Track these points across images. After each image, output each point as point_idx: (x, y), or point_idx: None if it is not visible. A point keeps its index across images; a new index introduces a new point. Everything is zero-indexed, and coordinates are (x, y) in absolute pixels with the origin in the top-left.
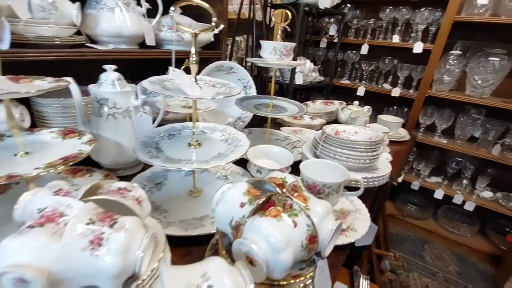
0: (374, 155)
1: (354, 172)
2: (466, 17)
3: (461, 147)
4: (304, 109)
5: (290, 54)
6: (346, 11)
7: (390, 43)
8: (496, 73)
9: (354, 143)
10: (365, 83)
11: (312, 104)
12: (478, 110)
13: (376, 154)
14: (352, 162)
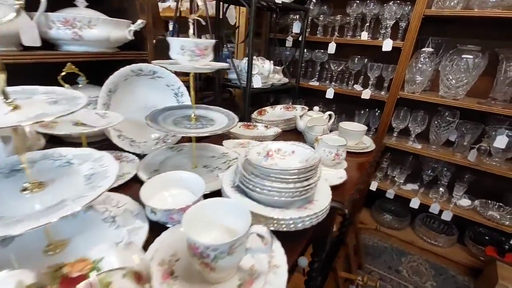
0: (305, 186)
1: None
2: (436, 10)
3: (436, 152)
4: (235, 121)
5: (206, 54)
6: (312, 7)
7: (359, 40)
8: (470, 72)
9: (278, 172)
10: (334, 84)
11: (271, 110)
12: (453, 112)
13: (309, 183)
14: (278, 197)
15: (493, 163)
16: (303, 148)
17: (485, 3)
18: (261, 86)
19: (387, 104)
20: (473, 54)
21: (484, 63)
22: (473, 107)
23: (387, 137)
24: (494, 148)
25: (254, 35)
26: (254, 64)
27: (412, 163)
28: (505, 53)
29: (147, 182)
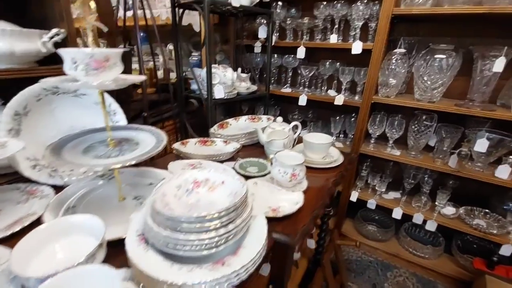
0: (225, 234)
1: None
2: (405, 9)
3: (416, 159)
4: (163, 140)
5: (107, 66)
6: (279, 10)
7: (328, 44)
8: (445, 73)
9: (191, 220)
10: (308, 90)
11: (234, 122)
12: (430, 116)
13: (230, 231)
14: (192, 251)
15: (475, 168)
16: (232, 178)
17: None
18: (224, 96)
19: (361, 109)
20: (446, 54)
21: (459, 62)
22: (451, 110)
23: (365, 143)
24: (475, 152)
25: (223, 42)
26: (215, 73)
27: (393, 170)
28: (480, 51)
29: (28, 234)
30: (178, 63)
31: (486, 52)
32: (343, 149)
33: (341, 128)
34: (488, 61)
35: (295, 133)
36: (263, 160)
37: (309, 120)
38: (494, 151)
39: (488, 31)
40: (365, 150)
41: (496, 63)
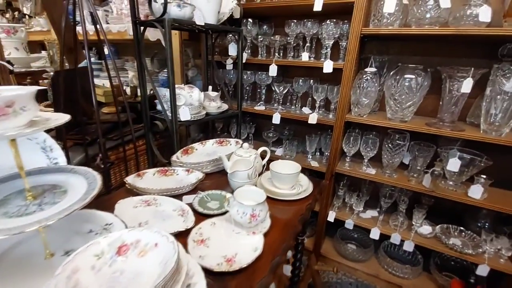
0: None
1: None
2: (373, 29)
3: (391, 178)
4: (94, 189)
5: (9, 113)
6: (250, 27)
7: (300, 62)
8: (414, 92)
9: None
10: (282, 108)
11: (200, 146)
12: (403, 135)
13: None
14: None
15: (449, 187)
16: (167, 240)
17: (422, 19)
18: (191, 118)
19: (335, 128)
20: (415, 73)
21: (428, 82)
22: (422, 130)
23: (341, 162)
24: (447, 171)
25: (196, 57)
26: (179, 95)
27: (369, 188)
28: (447, 72)
29: None
30: (142, 81)
31: (453, 73)
32: (319, 168)
33: (317, 145)
34: (456, 82)
35: (264, 157)
36: (226, 192)
37: (285, 137)
38: (466, 170)
39: (455, 51)
40: (341, 169)
41: (463, 84)
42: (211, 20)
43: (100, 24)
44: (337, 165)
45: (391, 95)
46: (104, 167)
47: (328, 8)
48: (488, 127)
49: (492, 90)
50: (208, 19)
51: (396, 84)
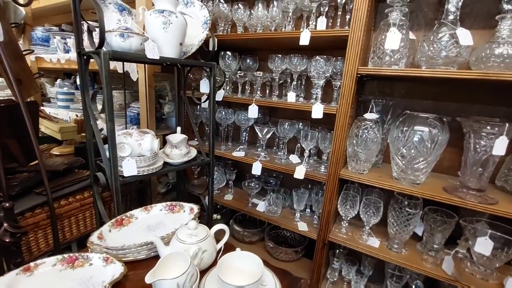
0: None
1: None
2: (373, 68)
3: (399, 256)
4: None
5: None
6: (229, 61)
7: (285, 103)
8: (429, 148)
9: None
10: (265, 155)
11: (143, 213)
12: (414, 201)
13: None
14: None
15: (478, 275)
16: None
17: (435, 59)
18: (138, 172)
19: (327, 186)
20: (428, 124)
21: (446, 137)
22: (440, 199)
23: (336, 226)
24: (475, 253)
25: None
26: (123, 144)
27: (373, 261)
28: (470, 126)
29: None
30: (88, 120)
31: (479, 128)
32: (308, 233)
33: (307, 202)
34: (484, 139)
35: (220, 240)
36: None
37: (270, 188)
38: (501, 253)
39: (477, 96)
40: (335, 238)
41: (496, 144)
42: (170, 53)
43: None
44: (330, 231)
45: (397, 150)
46: (10, 241)
47: (319, 42)
48: None
49: None
50: (166, 52)
51: (403, 137)
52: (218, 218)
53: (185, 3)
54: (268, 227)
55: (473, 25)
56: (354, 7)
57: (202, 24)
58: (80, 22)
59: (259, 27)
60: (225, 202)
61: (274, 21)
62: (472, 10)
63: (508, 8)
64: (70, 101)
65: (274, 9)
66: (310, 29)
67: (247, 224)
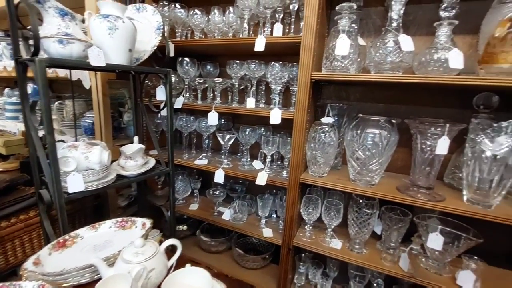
0: None
1: None
2: (325, 74)
3: (360, 257)
4: None
5: None
6: (188, 67)
7: (245, 109)
8: (380, 150)
9: None
10: (228, 162)
11: (90, 232)
12: (371, 202)
13: None
14: None
15: (432, 269)
16: None
17: (382, 64)
18: (86, 188)
19: (289, 191)
20: (379, 127)
21: (395, 138)
22: (393, 199)
23: (301, 231)
24: (428, 248)
25: None
26: (67, 158)
27: (336, 263)
28: (417, 127)
29: None
30: (28, 131)
31: (425, 129)
32: (273, 239)
33: (271, 207)
34: (429, 140)
35: (171, 257)
36: None
37: (236, 195)
38: (451, 247)
39: (425, 98)
40: (299, 242)
41: (439, 144)
42: (118, 60)
43: None
44: (295, 236)
45: (352, 153)
46: None
47: (276, 48)
48: (473, 196)
49: (474, 151)
50: (113, 59)
51: (357, 140)
52: (184, 229)
53: (137, 8)
54: (235, 235)
55: (417, 32)
56: (305, 14)
57: (155, 30)
58: (17, 27)
59: (217, 33)
60: (190, 212)
61: (231, 27)
62: (416, 17)
63: (445, 15)
64: (19, 112)
65: (231, 15)
66: (265, 35)
67: (215, 233)
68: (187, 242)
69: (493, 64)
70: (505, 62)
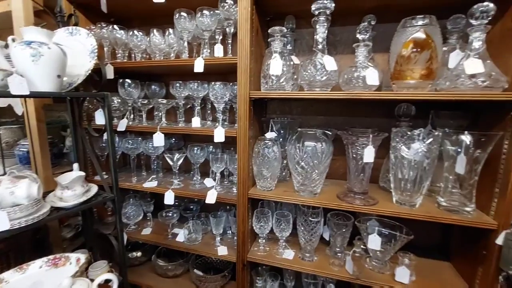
0: None
1: None
2: (262, 92)
3: (311, 264)
4: None
5: None
6: (131, 89)
7: (190, 129)
8: (320, 161)
9: None
10: (178, 182)
11: (16, 275)
12: (316, 210)
13: None
14: None
15: (375, 269)
16: None
17: (313, 81)
18: (11, 226)
19: (239, 207)
20: (316, 139)
21: (331, 149)
22: (333, 206)
23: (255, 245)
24: (370, 250)
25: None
26: None
27: (292, 272)
28: (347, 138)
29: None
30: None
31: (354, 140)
32: (228, 257)
33: (225, 224)
34: (359, 149)
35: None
36: None
37: (190, 215)
38: (389, 246)
39: (357, 111)
40: (254, 257)
41: (365, 153)
42: (45, 87)
43: None
44: (249, 251)
45: (295, 165)
46: None
47: (218, 68)
48: (400, 197)
49: (396, 157)
50: (40, 86)
51: (298, 152)
52: (138, 255)
53: (70, 32)
54: (193, 255)
55: (344, 51)
56: (238, 37)
57: (90, 53)
58: None
59: (158, 54)
60: (143, 237)
61: (172, 48)
62: (342, 38)
63: (361, 37)
64: None
65: (171, 37)
66: (205, 56)
67: (174, 255)
68: (143, 269)
69: (402, 80)
70: (411, 78)
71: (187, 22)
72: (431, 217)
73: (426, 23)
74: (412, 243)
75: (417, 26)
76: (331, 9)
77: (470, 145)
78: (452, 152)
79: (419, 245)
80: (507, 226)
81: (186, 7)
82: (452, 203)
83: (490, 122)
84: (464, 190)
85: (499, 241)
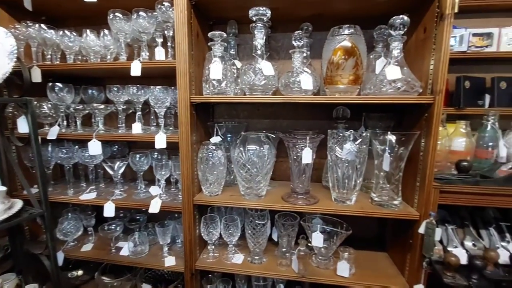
0: None
1: None
2: (202, 97)
3: (260, 267)
4: None
5: None
6: (63, 93)
7: (130, 136)
8: (262, 163)
9: None
10: (120, 193)
11: None
12: (262, 213)
13: None
14: None
15: (320, 266)
16: None
17: (254, 86)
18: None
19: (184, 215)
20: (261, 142)
21: (273, 152)
22: (278, 208)
23: (204, 253)
24: (314, 247)
25: None
26: None
27: (243, 276)
28: (288, 140)
29: None
30: None
31: (295, 142)
32: (175, 267)
33: (173, 233)
34: (299, 151)
35: None
36: None
37: (136, 226)
38: (331, 242)
39: (300, 113)
40: (202, 265)
41: (303, 155)
42: None
43: None
44: (197, 259)
45: (239, 169)
46: None
47: (159, 72)
48: (338, 195)
49: (332, 156)
50: None
51: (242, 156)
52: (79, 274)
53: None
54: (142, 269)
55: (286, 56)
56: (176, 40)
57: (8, 54)
58: None
59: (93, 56)
60: (82, 254)
61: (109, 50)
62: (283, 44)
63: (297, 44)
64: None
65: (107, 38)
66: (142, 59)
67: (122, 270)
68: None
69: (333, 85)
70: (341, 83)
71: (123, 23)
72: (365, 212)
73: (352, 32)
74: (353, 237)
75: (344, 35)
76: (268, 16)
77: (394, 144)
78: (380, 151)
79: (359, 239)
80: (427, 216)
81: (121, 7)
82: (383, 198)
83: (411, 123)
84: (392, 185)
85: (421, 230)
